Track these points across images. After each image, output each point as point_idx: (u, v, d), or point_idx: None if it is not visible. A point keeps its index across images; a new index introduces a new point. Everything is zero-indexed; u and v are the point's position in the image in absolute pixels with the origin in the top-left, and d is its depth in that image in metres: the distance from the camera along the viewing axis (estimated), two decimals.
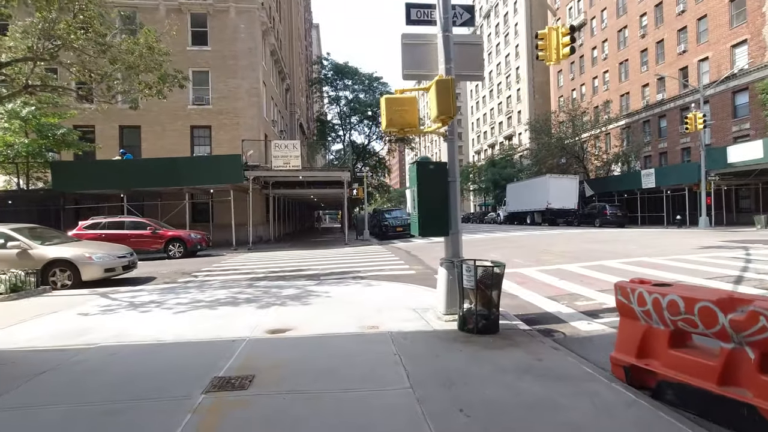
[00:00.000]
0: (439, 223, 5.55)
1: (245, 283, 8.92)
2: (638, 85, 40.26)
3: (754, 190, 28.74)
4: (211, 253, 18.69)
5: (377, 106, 37.46)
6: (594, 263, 10.03)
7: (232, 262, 14.30)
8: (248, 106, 24.13)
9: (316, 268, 11.51)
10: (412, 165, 5.66)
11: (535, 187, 35.77)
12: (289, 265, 12.64)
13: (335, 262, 12.78)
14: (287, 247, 20.42)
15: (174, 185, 19.19)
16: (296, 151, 20.20)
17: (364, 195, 24.13)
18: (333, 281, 8.97)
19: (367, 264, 12.00)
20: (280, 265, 12.72)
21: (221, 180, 19.23)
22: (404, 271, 10.41)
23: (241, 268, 12.11)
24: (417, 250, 15.56)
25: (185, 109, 23.75)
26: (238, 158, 19.31)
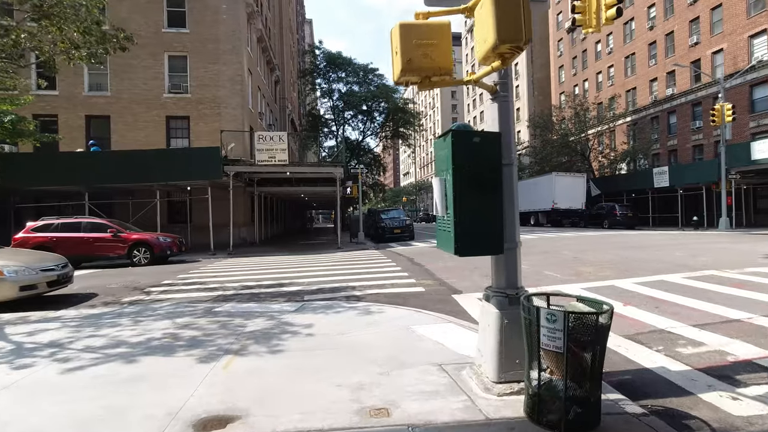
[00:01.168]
0: (489, 232, 3.39)
1: (203, 308, 6.71)
2: (646, 80, 38.44)
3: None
4: (185, 258, 16.44)
5: (372, 99, 35.36)
6: (652, 278, 7.93)
7: (204, 271, 12.06)
8: (231, 94, 21.85)
9: (301, 282, 9.32)
10: (441, 138, 3.50)
11: (540, 186, 33.79)
12: (270, 276, 10.44)
13: (325, 273, 10.59)
14: (272, 252, 18.18)
15: (143, 182, 16.90)
16: (283, 144, 17.98)
17: (358, 194, 21.95)
18: (320, 304, 6.79)
19: (363, 276, 9.83)
20: (258, 276, 10.51)
21: (197, 176, 16.97)
22: (411, 287, 8.24)
23: (210, 281, 9.89)
24: (420, 257, 13.42)
25: (160, 97, 21.42)
26: (216, 151, 17.05)
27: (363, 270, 10.84)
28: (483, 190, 3.32)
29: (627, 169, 38.21)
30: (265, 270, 11.69)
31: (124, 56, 21.02)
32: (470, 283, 8.37)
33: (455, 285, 8.21)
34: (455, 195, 3.26)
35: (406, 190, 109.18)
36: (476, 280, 8.65)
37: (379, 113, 38.69)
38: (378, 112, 38.48)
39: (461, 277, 9.05)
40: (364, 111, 37.85)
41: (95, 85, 21.17)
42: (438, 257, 13.04)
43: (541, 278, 8.51)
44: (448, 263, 11.37)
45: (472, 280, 8.68)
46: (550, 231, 25.06)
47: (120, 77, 21.09)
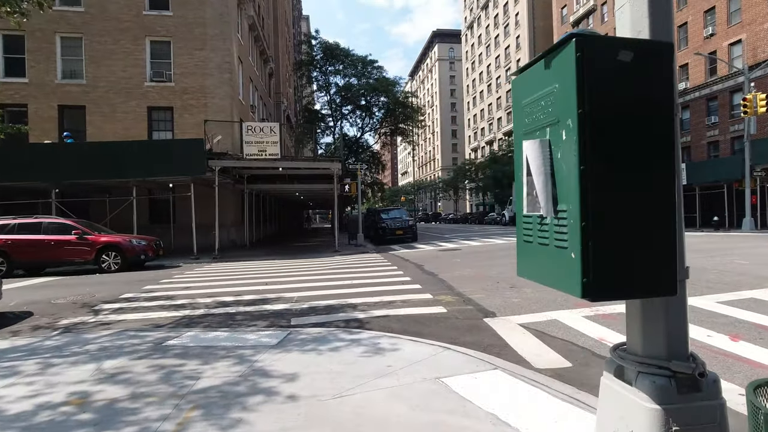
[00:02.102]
0: (655, 253, 1.64)
1: (153, 339, 4.97)
2: None
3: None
4: (165, 263, 14.69)
5: (372, 92, 33.60)
6: (737, 296, 6.23)
7: (178, 280, 10.30)
8: (219, 83, 20.07)
9: (289, 297, 7.59)
10: (543, 62, 1.76)
11: None
12: (254, 287, 8.71)
13: (319, 284, 8.87)
14: (262, 256, 16.43)
15: (117, 178, 15.13)
16: (274, 136, 16.24)
17: (357, 192, 20.22)
18: (310, 333, 5.08)
19: (366, 288, 8.10)
20: (240, 287, 8.77)
21: (178, 171, 15.21)
22: (428, 306, 6.52)
23: (180, 295, 8.14)
24: (430, 263, 11.70)
25: (141, 86, 19.61)
26: (199, 144, 15.30)
27: (365, 280, 9.11)
28: (642, 162, 1.59)
29: None
30: (249, 279, 9.94)
31: (102, 41, 19.30)
32: (501, 300, 6.65)
33: (483, 303, 6.50)
34: (583, 173, 1.53)
35: (405, 189, 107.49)
36: (508, 295, 6.94)
37: (378, 108, 36.94)
38: (377, 107, 36.73)
39: (487, 291, 7.34)
40: (362, 106, 36.08)
41: (69, 72, 19.36)
42: (450, 264, 11.33)
43: None
44: (465, 271, 9.67)
45: (502, 295, 6.97)
46: None
47: (97, 63, 19.29)
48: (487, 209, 63.73)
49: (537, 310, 5.94)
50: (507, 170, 50.94)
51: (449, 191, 74.47)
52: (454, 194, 75.13)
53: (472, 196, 76.36)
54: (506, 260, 11.38)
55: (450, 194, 75.70)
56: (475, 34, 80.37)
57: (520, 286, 7.55)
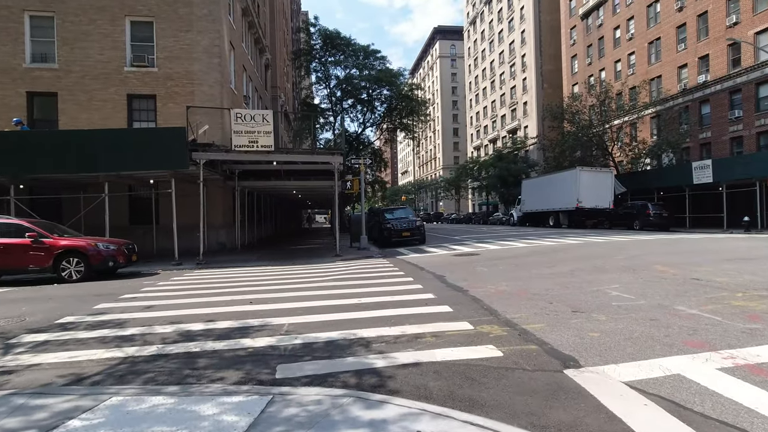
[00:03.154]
0: None
1: (45, 420, 3.05)
2: (673, 67, 34.99)
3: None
4: (142, 270, 12.81)
5: (374, 83, 31.63)
6: None
7: (144, 296, 8.38)
8: (207, 69, 18.13)
9: (278, 324, 5.69)
10: None
11: (562, 182, 30.23)
12: (233, 308, 6.80)
13: (318, 303, 6.96)
14: (253, 261, 14.50)
15: (84, 171, 13.19)
16: (267, 126, 14.31)
17: (360, 189, 18.28)
18: (303, 400, 3.18)
19: (380, 312, 6.21)
20: (216, 308, 6.85)
21: (156, 164, 13.29)
22: (472, 346, 4.58)
23: (135, 320, 6.22)
24: (451, 272, 9.79)
25: (120, 71, 17.67)
26: (180, 133, 13.37)
27: (375, 297, 7.19)
28: None
29: (650, 164, 34.75)
30: (231, 294, 8.02)
31: (77, 21, 17.33)
32: (573, 334, 4.75)
33: (549, 339, 4.59)
34: None
35: (405, 188, 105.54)
36: (578, 326, 5.03)
37: (381, 102, 34.99)
38: (379, 101, 34.78)
39: (544, 318, 5.44)
40: (364, 100, 34.14)
41: (39, 56, 17.40)
42: (475, 274, 9.41)
43: (692, 324, 4.91)
44: (500, 285, 7.75)
45: (569, 325, 5.06)
46: (581, 233, 21.50)
47: (70, 46, 17.33)
48: (490, 209, 61.83)
49: (637, 355, 4.03)
50: (513, 168, 49.13)
51: (451, 190, 72.51)
52: (455, 193, 73.18)
53: (475, 195, 74.47)
54: (543, 269, 9.47)
55: (451, 193, 73.73)
56: (477, 29, 78.45)
57: (585, 310, 5.66)
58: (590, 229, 26.39)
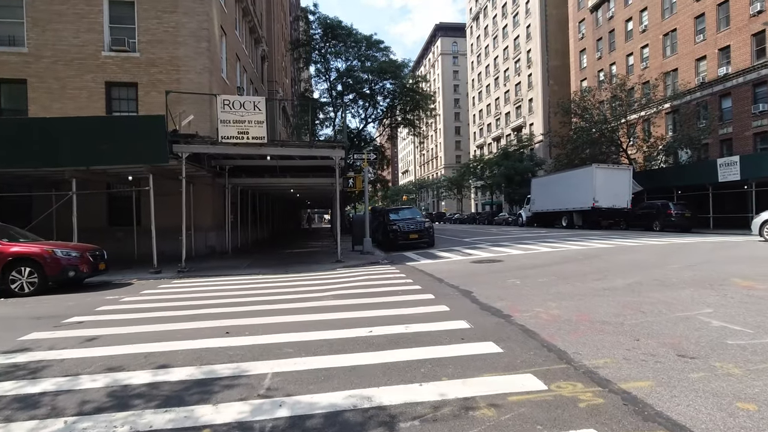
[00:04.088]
0: None
1: None
2: (690, 59, 33.27)
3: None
4: (114, 279, 11.13)
5: (378, 75, 29.87)
6: None
7: (95, 320, 6.65)
8: (195, 54, 16.41)
9: (257, 375, 3.98)
10: None
11: (576, 180, 28.51)
12: (201, 342, 5.08)
13: (312, 337, 5.25)
14: (244, 268, 12.77)
15: (46, 166, 11.46)
16: (259, 115, 12.59)
17: (364, 186, 16.54)
18: None
19: (400, 353, 4.54)
20: (178, 343, 5.13)
21: (131, 158, 11.57)
22: (557, 426, 2.86)
23: (61, 365, 4.51)
24: (473, 284, 8.07)
25: (97, 56, 15.94)
26: (159, 122, 11.64)
27: (392, 328, 5.44)
28: None
29: (666, 162, 33.01)
30: (204, 319, 6.29)
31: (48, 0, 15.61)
32: (706, 399, 3.03)
33: (675, 411, 2.87)
34: None
35: (406, 188, 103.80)
36: (699, 381, 3.31)
37: (384, 97, 33.24)
38: (382, 95, 33.03)
39: (636, 361, 3.73)
40: (365, 95, 32.39)
41: (7, 38, 15.67)
42: (508, 289, 7.68)
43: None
44: (549, 307, 6.04)
45: (683, 378, 3.35)
46: (603, 235, 19.75)
47: (42, 27, 15.61)
48: (494, 209, 60.11)
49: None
50: (520, 167, 47.45)
51: (453, 190, 70.75)
52: (457, 193, 71.41)
53: (478, 195, 72.76)
54: (591, 282, 7.75)
55: (453, 193, 71.95)
56: (481, 25, 76.71)
57: (696, 354, 3.94)
58: (608, 231, 24.66)
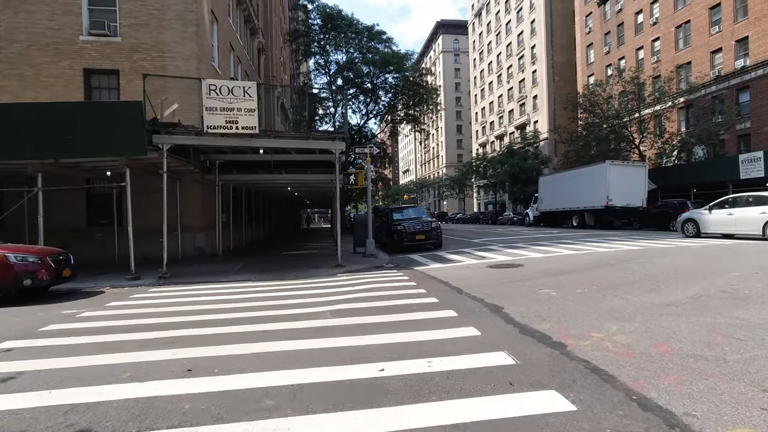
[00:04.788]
0: None
1: None
2: (705, 52, 31.89)
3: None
4: (84, 287, 9.82)
5: (380, 67, 28.50)
6: None
7: (29, 347, 5.29)
8: (182, 39, 15.07)
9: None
10: None
11: (587, 178, 27.14)
12: (149, 389, 3.74)
13: (302, 379, 3.92)
14: (233, 274, 11.42)
15: (8, 159, 10.11)
16: (250, 102, 11.24)
17: (366, 183, 15.20)
18: None
19: (421, 403, 3.24)
20: (120, 387, 3.78)
21: (104, 150, 10.22)
22: None
23: None
24: (505, 297, 6.73)
25: (74, 41, 14.60)
26: (135, 109, 10.29)
27: (409, 364, 4.09)
28: None
29: (679, 158, 31.66)
30: (170, 345, 4.93)
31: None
32: None
33: None
34: None
35: (407, 187, 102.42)
36: None
37: (386, 92, 31.88)
38: (384, 90, 31.67)
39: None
40: (367, 90, 31.05)
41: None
42: (543, 301, 6.32)
43: None
44: (610, 330, 4.69)
45: None
46: (622, 235, 18.39)
47: (13, 9, 14.26)
48: (498, 208, 58.71)
49: None
50: (525, 165, 46.09)
51: (455, 189, 69.35)
52: (459, 192, 70.02)
53: (481, 194, 71.42)
54: (644, 295, 6.40)
55: (456, 192, 70.53)
56: (483, 21, 75.33)
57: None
58: (624, 230, 23.29)
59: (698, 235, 15.84)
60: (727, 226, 14.87)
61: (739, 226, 14.40)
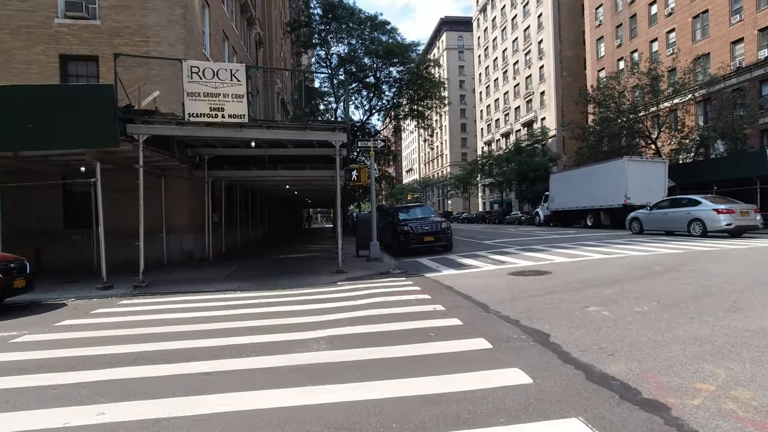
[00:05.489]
0: None
1: None
2: (725, 42, 30.34)
3: None
4: (46, 298, 8.54)
5: (383, 61, 27.13)
6: None
7: None
8: (168, 23, 13.75)
9: None
10: None
11: (603, 175, 25.67)
12: None
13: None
14: (219, 282, 10.08)
15: None
16: (237, 87, 9.90)
17: (370, 179, 13.84)
18: None
19: None
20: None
21: (70, 140, 8.90)
22: None
23: None
24: (547, 318, 5.35)
25: (49, 24, 13.30)
26: (106, 93, 8.98)
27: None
28: None
29: (697, 154, 30.13)
30: (99, 389, 3.59)
31: None
32: None
33: None
34: None
35: (411, 187, 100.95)
36: None
37: (389, 86, 30.48)
38: (388, 84, 30.28)
39: None
40: (370, 84, 29.67)
41: None
42: (598, 323, 4.92)
43: None
44: (715, 371, 3.28)
45: None
46: (648, 236, 16.94)
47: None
48: (504, 207, 57.22)
49: None
50: (533, 162, 44.60)
51: (460, 188, 67.86)
52: (464, 191, 68.51)
53: (486, 193, 69.96)
54: (726, 317, 5.02)
55: (460, 191, 69.01)
56: (488, 17, 73.79)
57: None
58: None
59: (641, 231, 18.30)
60: (663, 224, 17.22)
61: (671, 223, 16.74)
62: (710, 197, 16.71)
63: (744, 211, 15.03)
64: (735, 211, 14.79)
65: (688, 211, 16.00)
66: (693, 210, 15.87)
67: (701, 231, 15.37)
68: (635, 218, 18.97)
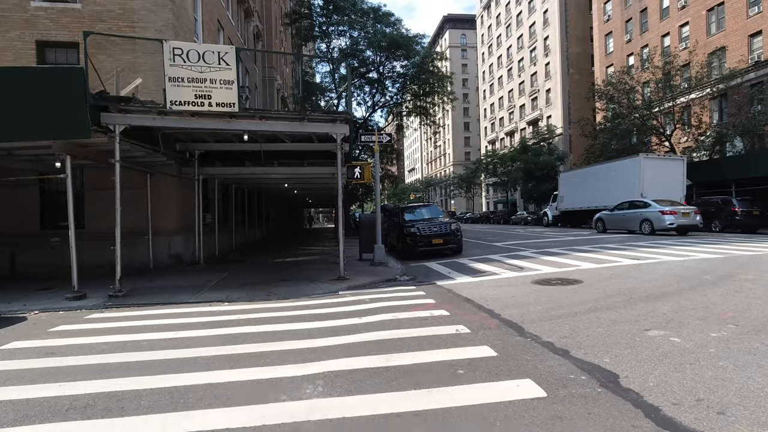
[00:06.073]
0: None
1: None
2: (742, 36, 29.13)
3: None
4: (5, 310, 7.43)
5: (386, 57, 26.00)
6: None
7: None
8: (154, 7, 12.67)
9: None
10: None
11: (617, 174, 24.50)
12: None
13: None
14: (206, 291, 8.97)
15: None
16: (226, 72, 8.81)
17: (374, 176, 12.72)
18: None
19: None
20: None
21: (34, 131, 7.81)
22: None
23: None
24: (602, 344, 4.24)
25: (24, 7, 12.22)
26: (75, 77, 7.89)
27: None
28: None
29: (713, 152, 28.93)
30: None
31: None
32: None
33: None
34: None
35: (414, 186, 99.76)
36: None
37: (393, 81, 29.37)
38: (391, 79, 29.16)
39: None
40: (373, 80, 28.56)
41: None
42: (666, 353, 3.79)
43: None
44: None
45: None
46: (673, 238, 15.78)
47: None
48: (509, 207, 56.00)
49: None
50: (540, 161, 43.42)
51: (463, 187, 66.69)
52: (467, 191, 67.35)
53: (490, 192, 68.78)
54: None
55: (464, 190, 67.85)
56: (492, 14, 72.59)
57: None
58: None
59: (605, 230, 20.50)
60: (621, 223, 19.55)
61: (627, 223, 19.12)
62: (658, 200, 18.55)
63: (685, 212, 17.54)
64: (677, 212, 17.32)
65: (640, 212, 18.24)
66: (644, 211, 18.11)
67: (650, 229, 17.61)
68: (600, 218, 21.13)
